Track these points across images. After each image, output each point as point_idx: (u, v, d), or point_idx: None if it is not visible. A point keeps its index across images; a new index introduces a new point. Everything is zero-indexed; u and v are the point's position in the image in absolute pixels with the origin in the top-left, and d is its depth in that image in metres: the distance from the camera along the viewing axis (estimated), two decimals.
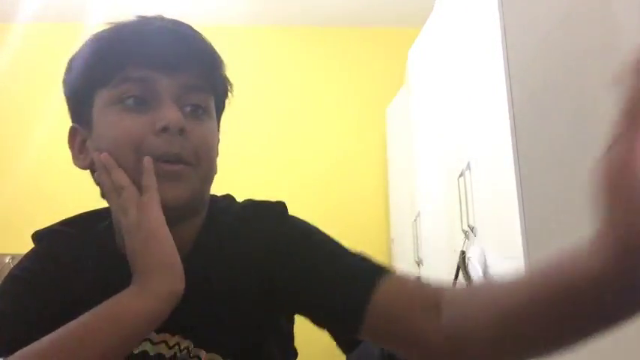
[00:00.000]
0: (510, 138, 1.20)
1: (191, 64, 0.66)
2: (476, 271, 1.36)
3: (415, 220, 2.20)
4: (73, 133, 0.70)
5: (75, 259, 0.69)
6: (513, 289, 0.51)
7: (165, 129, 0.61)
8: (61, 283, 0.67)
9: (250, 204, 0.73)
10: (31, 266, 0.71)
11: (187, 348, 0.65)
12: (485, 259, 1.37)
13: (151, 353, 0.65)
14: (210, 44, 0.70)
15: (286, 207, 0.72)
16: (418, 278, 0.66)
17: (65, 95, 0.71)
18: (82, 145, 0.69)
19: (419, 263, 2.19)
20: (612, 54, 1.23)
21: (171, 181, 0.62)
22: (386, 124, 2.93)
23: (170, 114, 0.62)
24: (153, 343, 0.65)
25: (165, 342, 0.65)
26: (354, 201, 2.97)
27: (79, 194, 3.25)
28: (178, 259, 0.60)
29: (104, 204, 0.73)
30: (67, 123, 0.73)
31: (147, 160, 0.61)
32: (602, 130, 1.30)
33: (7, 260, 2.77)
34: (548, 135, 1.21)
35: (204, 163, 0.65)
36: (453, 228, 1.61)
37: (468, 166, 1.51)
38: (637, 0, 1.21)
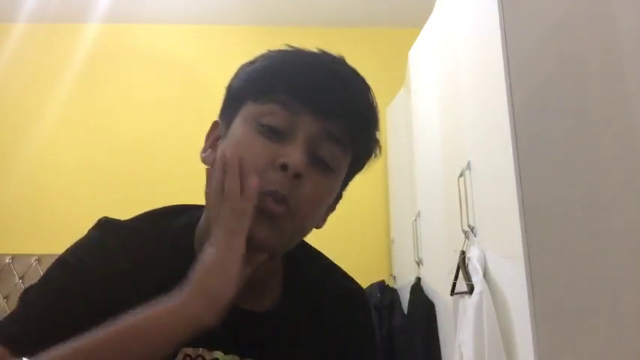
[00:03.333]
0: (510, 138, 1.20)
1: (341, 115, 0.64)
2: (476, 271, 1.36)
3: (415, 220, 2.20)
4: (213, 127, 0.71)
5: (145, 257, 0.67)
6: None
7: (284, 167, 0.60)
8: (123, 279, 0.65)
9: (343, 284, 0.78)
10: (90, 258, 0.66)
11: None
12: (485, 259, 1.37)
13: None
14: (373, 105, 0.68)
15: (366, 297, 0.81)
16: None
17: (225, 93, 0.71)
18: (215, 142, 0.69)
19: (419, 263, 2.19)
20: (612, 54, 1.23)
21: (268, 221, 0.61)
22: (386, 124, 2.93)
23: (295, 155, 0.60)
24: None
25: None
26: (354, 201, 2.95)
27: (78, 194, 3.25)
28: (229, 292, 0.58)
29: (106, 204, 0.73)
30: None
31: (250, 205, 0.59)
32: (602, 130, 1.31)
33: (7, 260, 2.77)
34: (548, 135, 1.21)
35: (303, 215, 0.63)
36: (453, 228, 1.61)
37: (468, 166, 1.51)
38: (637, 0, 1.21)
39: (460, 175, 1.54)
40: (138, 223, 0.71)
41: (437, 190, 1.88)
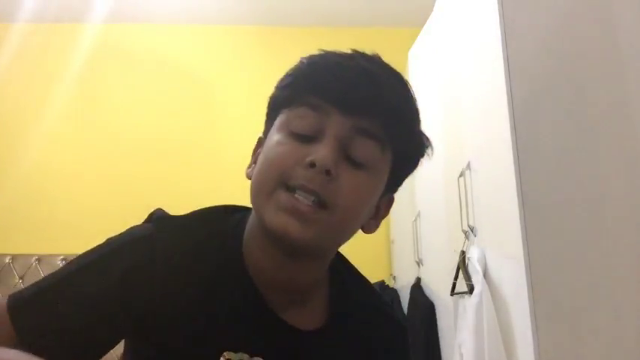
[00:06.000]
0: (510, 138, 1.20)
1: (371, 109, 0.62)
2: (476, 271, 1.36)
3: (415, 220, 2.20)
4: (258, 143, 0.71)
5: (193, 258, 0.64)
6: None
7: (312, 165, 0.59)
8: (170, 281, 0.62)
9: (390, 317, 0.79)
10: (139, 255, 0.63)
11: None
12: (485, 259, 1.37)
13: None
14: (408, 96, 0.66)
15: (408, 334, 0.81)
16: None
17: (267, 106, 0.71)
18: (258, 156, 0.68)
19: (419, 263, 2.19)
20: (612, 54, 1.23)
21: (296, 219, 0.59)
22: None
23: (322, 151, 0.60)
24: None
25: None
26: None
27: (78, 195, 3.24)
28: None
29: (105, 204, 0.74)
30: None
31: None
32: (602, 130, 1.30)
33: (7, 260, 2.77)
34: (548, 135, 1.21)
35: (340, 212, 0.61)
36: (453, 228, 1.61)
37: (468, 166, 1.51)
38: (637, 0, 1.21)
39: (460, 175, 1.54)
40: (189, 222, 0.68)
41: (437, 190, 1.88)
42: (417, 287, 2.11)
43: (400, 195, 0.77)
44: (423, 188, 2.17)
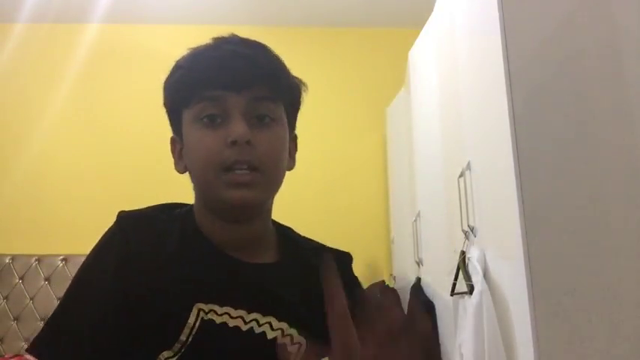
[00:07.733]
0: (510, 138, 1.20)
1: (256, 80, 0.75)
2: (476, 271, 1.36)
3: (415, 220, 2.20)
4: (172, 143, 0.84)
5: (159, 236, 0.76)
6: None
7: (234, 142, 0.72)
8: (147, 259, 0.74)
9: (334, 249, 0.89)
10: (117, 247, 0.75)
11: (256, 320, 0.74)
12: (485, 259, 1.37)
13: (228, 324, 0.73)
14: (274, 57, 0.79)
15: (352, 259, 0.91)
16: None
17: (165, 109, 0.84)
18: (180, 153, 0.82)
19: (419, 263, 2.19)
20: (612, 54, 1.23)
21: (242, 189, 0.73)
22: (386, 124, 2.93)
23: (237, 128, 0.72)
24: (226, 316, 0.73)
25: (242, 317, 0.74)
26: (355, 201, 2.97)
27: (79, 195, 3.24)
28: None
29: (105, 204, 0.77)
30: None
31: None
32: (602, 130, 1.31)
33: (7, 260, 2.77)
34: (549, 135, 1.21)
35: (269, 168, 0.75)
36: (453, 228, 1.61)
37: (468, 166, 1.51)
38: (637, 0, 1.21)
39: (460, 175, 1.54)
40: (150, 212, 0.81)
41: (437, 190, 1.88)
42: (417, 287, 2.11)
43: (400, 195, 0.79)
44: (423, 188, 2.17)
